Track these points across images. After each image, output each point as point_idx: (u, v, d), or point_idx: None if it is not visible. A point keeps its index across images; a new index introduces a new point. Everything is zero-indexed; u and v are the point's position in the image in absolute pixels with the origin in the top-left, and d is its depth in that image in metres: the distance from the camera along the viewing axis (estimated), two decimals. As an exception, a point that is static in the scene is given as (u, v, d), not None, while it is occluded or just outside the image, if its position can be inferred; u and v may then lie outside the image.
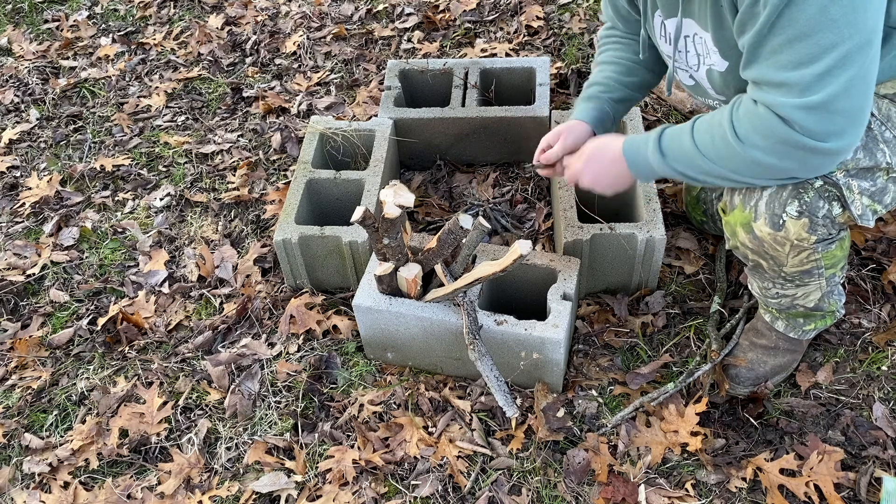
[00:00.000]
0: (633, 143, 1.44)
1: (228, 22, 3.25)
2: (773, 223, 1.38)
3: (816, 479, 1.56)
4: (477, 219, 1.52)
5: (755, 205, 1.39)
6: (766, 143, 1.22)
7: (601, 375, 1.81)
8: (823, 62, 1.12)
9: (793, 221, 1.36)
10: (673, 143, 1.36)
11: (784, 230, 1.37)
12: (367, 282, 1.78)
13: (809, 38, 1.11)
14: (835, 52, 1.11)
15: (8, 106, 2.93)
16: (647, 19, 1.53)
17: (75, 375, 1.95)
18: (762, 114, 1.20)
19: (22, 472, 1.76)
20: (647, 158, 1.39)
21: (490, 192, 2.31)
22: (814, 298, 1.56)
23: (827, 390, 1.74)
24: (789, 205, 1.35)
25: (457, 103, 2.30)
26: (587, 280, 1.95)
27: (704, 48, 1.38)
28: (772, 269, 1.49)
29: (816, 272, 1.48)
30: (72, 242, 2.33)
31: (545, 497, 1.61)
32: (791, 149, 1.20)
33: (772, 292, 1.58)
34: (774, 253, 1.44)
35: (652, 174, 1.42)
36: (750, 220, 1.41)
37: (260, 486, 1.67)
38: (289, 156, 2.54)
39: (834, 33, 1.10)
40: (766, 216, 1.38)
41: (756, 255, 1.48)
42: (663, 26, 1.47)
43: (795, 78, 1.15)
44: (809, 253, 1.41)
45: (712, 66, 1.40)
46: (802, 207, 1.34)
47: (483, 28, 3.00)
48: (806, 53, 1.13)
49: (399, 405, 1.79)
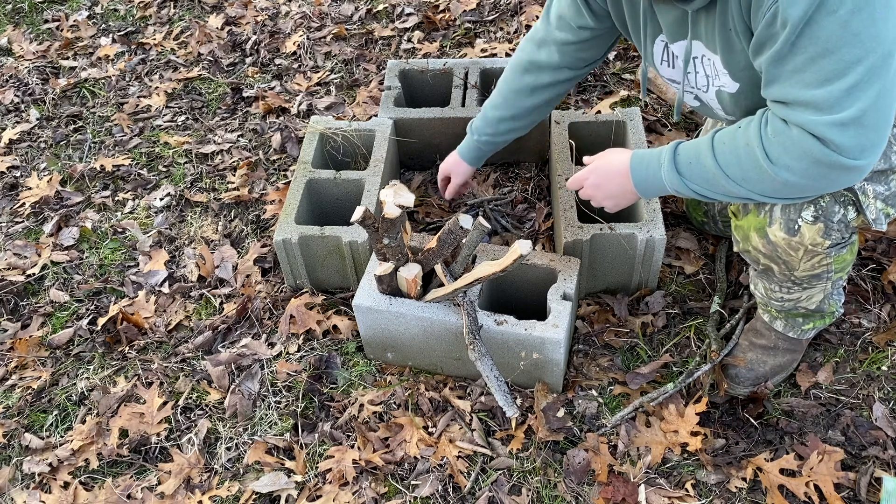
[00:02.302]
0: (641, 160, 1.40)
1: (228, 22, 3.25)
2: (788, 228, 1.37)
3: (816, 479, 1.56)
4: (477, 219, 1.53)
5: (770, 210, 1.38)
6: (800, 165, 1.18)
7: (601, 375, 1.81)
8: (850, 77, 1.10)
9: (808, 226, 1.35)
10: (692, 163, 1.31)
11: (799, 235, 1.36)
12: (367, 282, 1.78)
13: (833, 55, 1.09)
14: (860, 66, 1.09)
15: (8, 106, 2.93)
16: (644, 47, 1.50)
17: (75, 375, 1.95)
18: (795, 136, 1.16)
19: (22, 472, 1.76)
20: (660, 176, 1.35)
21: (490, 192, 2.31)
22: (816, 300, 1.56)
23: (827, 390, 1.74)
24: (805, 210, 1.34)
25: (457, 103, 2.30)
26: (587, 280, 1.95)
27: (713, 70, 1.37)
28: (782, 273, 1.49)
29: (826, 276, 1.47)
30: (72, 242, 2.33)
31: (545, 497, 1.61)
32: (825, 169, 1.17)
33: (777, 295, 1.58)
34: (787, 257, 1.43)
35: (661, 192, 1.38)
36: (765, 224, 1.40)
37: (260, 486, 1.67)
38: (289, 156, 2.54)
39: (857, 47, 1.08)
40: (781, 221, 1.37)
41: (768, 259, 1.47)
42: (667, 50, 1.45)
43: (823, 95, 1.12)
44: (822, 257, 1.41)
45: (722, 88, 1.38)
46: (818, 212, 1.34)
47: (483, 28, 3.00)
48: (831, 70, 1.11)
49: (399, 405, 1.79)
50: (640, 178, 1.40)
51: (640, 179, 1.40)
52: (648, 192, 1.41)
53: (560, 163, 2.01)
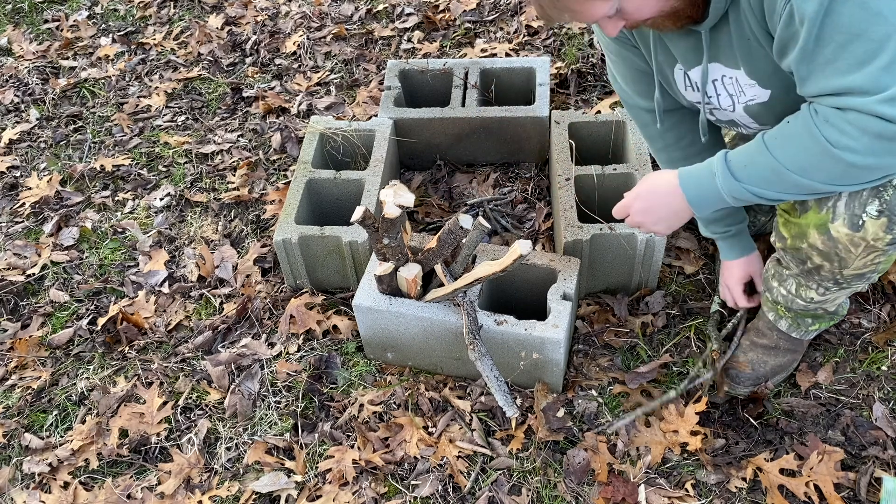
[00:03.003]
0: (690, 175, 1.37)
1: (228, 22, 3.25)
2: (852, 223, 1.34)
3: (816, 479, 1.56)
4: (477, 219, 1.52)
5: (833, 205, 1.35)
6: (861, 144, 1.16)
7: (601, 375, 1.81)
8: (886, 54, 1.09)
9: (872, 221, 1.32)
10: (747, 165, 1.29)
11: (863, 230, 1.34)
12: (367, 282, 1.79)
13: (862, 37, 1.09)
14: (891, 41, 1.08)
15: (8, 106, 2.93)
16: (664, 78, 1.49)
17: (75, 375, 1.95)
18: (851, 118, 1.15)
19: (22, 472, 1.76)
20: (716, 186, 1.32)
21: (490, 192, 2.31)
22: (838, 302, 1.54)
23: (827, 390, 1.74)
24: (870, 204, 1.31)
25: (457, 103, 2.30)
26: (587, 280, 1.95)
27: (736, 87, 1.36)
28: (831, 271, 1.45)
29: (869, 276, 1.45)
30: (72, 242, 2.33)
31: (545, 497, 1.61)
32: (888, 142, 1.15)
33: (808, 295, 1.54)
34: (846, 254, 1.40)
35: (718, 202, 1.35)
36: (827, 220, 1.37)
37: (260, 486, 1.67)
38: (289, 156, 2.54)
39: (883, 24, 1.08)
40: (845, 216, 1.34)
41: (822, 256, 1.43)
42: (687, 77, 1.44)
43: (863, 78, 1.12)
44: (878, 255, 1.38)
45: (751, 101, 1.37)
46: (882, 206, 1.31)
47: (483, 28, 3.00)
48: (864, 52, 1.10)
49: (399, 405, 1.79)
50: (694, 194, 1.37)
51: (694, 195, 1.37)
52: (703, 206, 1.38)
53: (560, 163, 2.01)
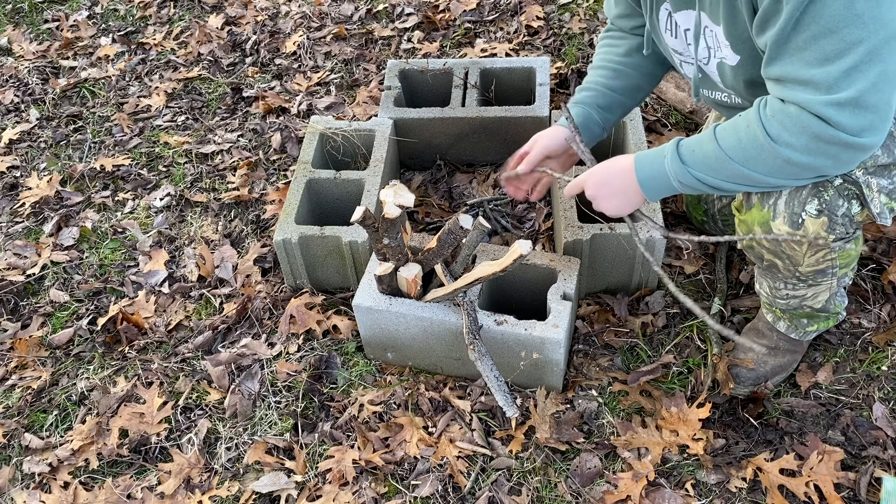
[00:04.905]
0: (644, 157, 1.40)
1: (228, 22, 3.25)
2: (792, 222, 1.36)
3: (816, 479, 1.56)
4: (477, 219, 1.52)
5: (774, 203, 1.38)
6: (800, 141, 1.17)
7: (601, 375, 1.81)
8: (850, 58, 1.10)
9: (812, 220, 1.34)
10: (694, 151, 1.31)
11: (803, 229, 1.36)
12: (367, 282, 1.79)
13: (835, 34, 1.09)
14: (861, 47, 1.09)
15: (8, 106, 2.93)
16: (651, 12, 1.49)
17: (75, 375, 1.95)
18: (793, 112, 1.17)
19: (22, 472, 1.76)
20: (664, 169, 1.34)
21: (490, 192, 2.31)
22: (822, 299, 1.55)
23: (827, 390, 1.74)
24: (809, 203, 1.33)
25: (457, 103, 2.30)
26: (587, 280, 1.95)
27: (715, 41, 1.36)
28: (787, 268, 1.48)
29: (830, 272, 1.47)
30: (72, 242, 2.33)
31: (545, 497, 1.61)
32: (825, 144, 1.16)
33: (782, 293, 1.57)
34: (791, 252, 1.43)
35: (665, 187, 1.37)
36: (768, 218, 1.40)
37: (260, 486, 1.67)
38: (289, 156, 2.54)
39: (860, 28, 1.08)
40: (785, 215, 1.36)
41: (772, 254, 1.47)
42: (670, 19, 1.44)
43: (821, 75, 1.12)
44: (826, 252, 1.40)
45: (723, 60, 1.37)
46: (822, 206, 1.33)
47: (483, 28, 3.00)
48: (832, 49, 1.10)
49: (399, 405, 1.79)
50: (645, 174, 1.38)
51: (645, 175, 1.38)
52: (652, 188, 1.40)
53: (560, 163, 2.01)
